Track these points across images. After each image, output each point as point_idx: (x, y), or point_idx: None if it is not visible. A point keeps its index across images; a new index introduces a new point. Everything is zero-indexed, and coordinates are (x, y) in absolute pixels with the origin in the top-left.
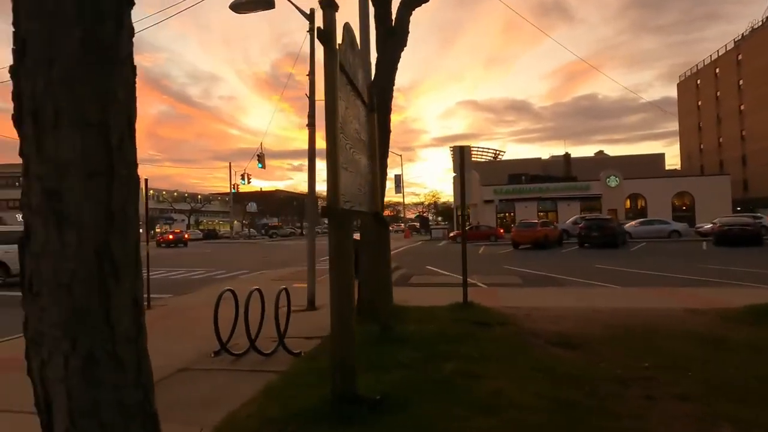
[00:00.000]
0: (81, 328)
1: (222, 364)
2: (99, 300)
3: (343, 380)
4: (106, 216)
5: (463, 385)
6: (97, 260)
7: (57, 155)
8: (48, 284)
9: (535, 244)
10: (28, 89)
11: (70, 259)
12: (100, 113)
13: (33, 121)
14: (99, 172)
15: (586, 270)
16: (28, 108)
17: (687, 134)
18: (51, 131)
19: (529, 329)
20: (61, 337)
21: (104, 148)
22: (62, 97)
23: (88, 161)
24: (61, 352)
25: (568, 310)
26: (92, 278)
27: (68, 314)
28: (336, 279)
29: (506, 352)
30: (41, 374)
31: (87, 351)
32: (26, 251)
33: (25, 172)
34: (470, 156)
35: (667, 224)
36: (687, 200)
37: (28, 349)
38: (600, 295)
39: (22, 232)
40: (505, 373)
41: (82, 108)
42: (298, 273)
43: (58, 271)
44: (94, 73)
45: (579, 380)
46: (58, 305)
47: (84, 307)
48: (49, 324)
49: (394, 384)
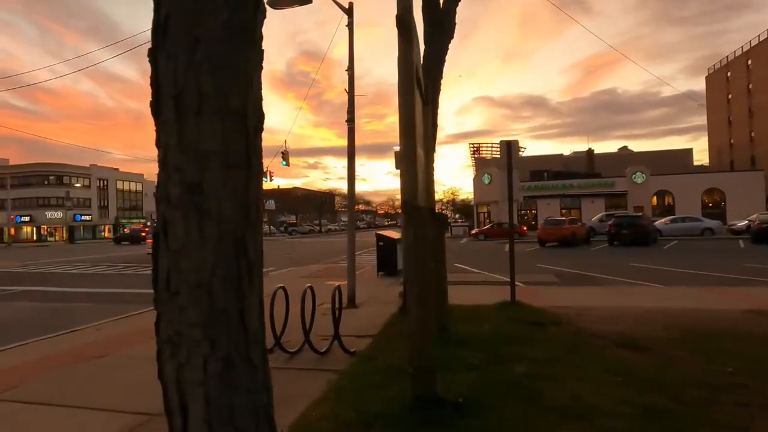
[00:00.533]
0: (219, 328)
1: (278, 361)
2: (236, 299)
3: (423, 382)
4: (243, 210)
5: (538, 389)
6: (236, 257)
7: (198, 144)
8: (187, 282)
9: (562, 242)
10: (170, 72)
11: (210, 256)
12: (240, 100)
13: (175, 107)
14: (238, 163)
15: (622, 268)
16: (169, 92)
17: (716, 129)
18: (193, 118)
19: (587, 330)
20: (201, 338)
21: (243, 138)
22: (206, 80)
23: (229, 151)
24: (200, 354)
25: (619, 310)
26: (231, 276)
27: (207, 314)
28: (413, 279)
29: (572, 353)
30: (178, 376)
31: (225, 353)
32: (161, 247)
33: (162, 163)
34: (518, 151)
35: (700, 222)
36: (717, 197)
37: (162, 351)
38: (646, 294)
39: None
40: (579, 376)
41: (225, 93)
42: (327, 270)
43: (199, 267)
44: (235, 56)
45: (660, 384)
46: (198, 304)
47: (222, 307)
48: (188, 324)
49: (468, 386)
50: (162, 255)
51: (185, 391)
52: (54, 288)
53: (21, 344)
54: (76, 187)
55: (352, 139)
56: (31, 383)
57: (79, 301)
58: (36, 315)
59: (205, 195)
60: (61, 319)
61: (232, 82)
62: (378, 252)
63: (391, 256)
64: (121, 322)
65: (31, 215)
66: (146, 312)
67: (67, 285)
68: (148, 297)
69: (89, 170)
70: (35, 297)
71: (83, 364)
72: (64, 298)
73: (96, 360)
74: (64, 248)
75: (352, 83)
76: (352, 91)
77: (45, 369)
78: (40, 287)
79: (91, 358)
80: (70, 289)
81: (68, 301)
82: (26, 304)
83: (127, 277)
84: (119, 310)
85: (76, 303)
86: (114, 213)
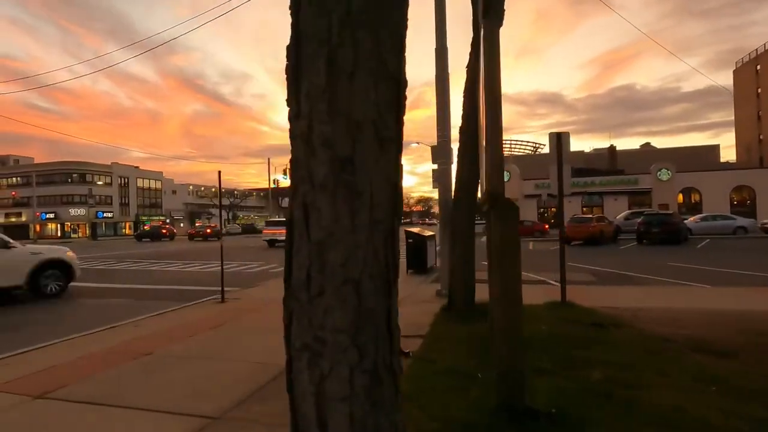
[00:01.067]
0: (368, 334)
1: None
2: (384, 300)
3: (510, 390)
4: (393, 192)
5: (631, 398)
6: (384, 248)
7: (351, 112)
8: (333, 279)
9: (589, 240)
10: (321, 28)
11: (362, 246)
12: (397, 63)
13: (326, 68)
14: (391, 136)
15: (660, 268)
16: (319, 52)
17: (744, 124)
18: (347, 81)
19: (652, 332)
20: (347, 345)
21: (396, 106)
22: (363, 38)
23: (382, 121)
24: (346, 364)
25: (675, 312)
26: (380, 272)
27: (355, 317)
28: (501, 277)
29: (647, 358)
30: (317, 390)
31: (372, 364)
32: (298, 239)
33: (304, 138)
34: (569, 144)
35: (732, 220)
36: (746, 194)
37: (295, 360)
38: (697, 295)
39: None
40: (667, 384)
41: (382, 54)
42: None
43: (348, 261)
44: (393, 13)
45: (765, 396)
46: (345, 305)
47: (371, 308)
48: (332, 329)
49: (548, 393)
50: (300, 248)
51: (325, 407)
52: (84, 284)
53: (62, 340)
54: (98, 185)
55: None
56: (82, 382)
57: (109, 296)
58: (72, 310)
59: (357, 173)
60: (96, 315)
61: (389, 41)
62: (407, 249)
63: (421, 254)
64: (158, 318)
65: (56, 212)
66: (180, 308)
67: (97, 280)
68: (178, 293)
69: (111, 168)
70: (67, 292)
71: (132, 363)
72: (95, 293)
73: (143, 358)
74: (88, 244)
75: None
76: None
77: (93, 367)
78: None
79: (137, 356)
80: (99, 285)
81: (99, 297)
82: (59, 299)
83: (154, 273)
84: (153, 306)
85: (107, 298)
86: (134, 210)
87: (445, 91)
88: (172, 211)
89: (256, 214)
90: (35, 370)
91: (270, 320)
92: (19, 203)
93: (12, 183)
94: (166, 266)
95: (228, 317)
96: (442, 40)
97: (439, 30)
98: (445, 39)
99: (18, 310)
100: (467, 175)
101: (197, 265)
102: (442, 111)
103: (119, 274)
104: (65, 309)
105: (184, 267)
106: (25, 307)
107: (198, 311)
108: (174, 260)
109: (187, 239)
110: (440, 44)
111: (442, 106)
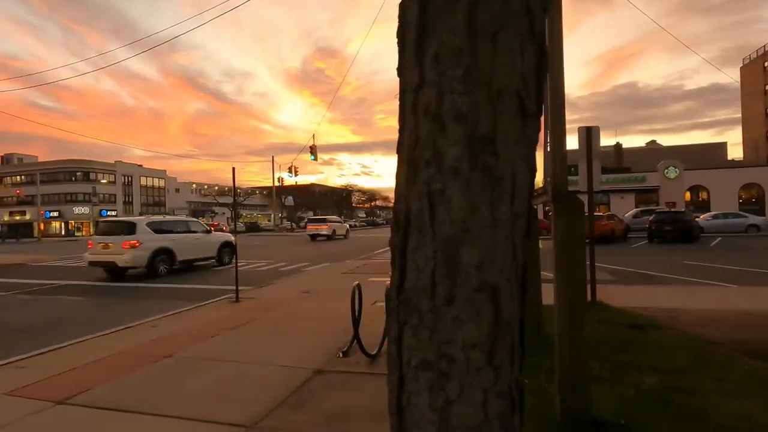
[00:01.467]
0: (504, 351)
1: (359, 365)
2: (518, 309)
3: (575, 400)
4: (531, 181)
5: (690, 405)
6: (523, 247)
7: (493, 79)
8: (467, 284)
9: (601, 239)
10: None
11: (500, 245)
12: (542, 22)
13: (465, 24)
14: (533, 111)
15: (677, 266)
16: (455, 6)
17: (751, 121)
18: (489, 41)
19: (694, 335)
20: (483, 364)
21: (538, 76)
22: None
23: (527, 93)
24: (479, 387)
25: (711, 313)
26: (515, 274)
27: (491, 329)
28: (565, 278)
29: (698, 363)
30: (442, 417)
31: (507, 385)
32: (415, 235)
33: (433, 113)
34: (599, 138)
35: (744, 218)
36: (756, 192)
37: (407, 381)
38: (725, 294)
39: (184, 221)
40: (726, 391)
41: (531, 9)
42: (367, 266)
43: (485, 263)
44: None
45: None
46: (479, 316)
47: (508, 319)
48: (463, 345)
49: (607, 401)
50: (420, 246)
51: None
52: (96, 282)
53: (80, 341)
54: (102, 183)
55: None
56: (104, 386)
57: (122, 295)
58: (85, 309)
59: (499, 155)
60: (111, 314)
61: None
62: None
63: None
64: (174, 318)
65: (60, 210)
66: (195, 308)
67: (108, 279)
68: (191, 292)
69: (114, 166)
70: (80, 291)
71: (154, 366)
72: (108, 291)
73: (164, 360)
74: None
75: None
76: None
77: (114, 370)
78: (81, 281)
79: (159, 358)
80: (111, 284)
81: (112, 295)
82: (73, 298)
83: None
84: (167, 305)
85: (121, 297)
86: (138, 208)
87: None
88: (175, 209)
89: (260, 212)
90: (54, 372)
91: (288, 321)
92: (24, 201)
93: (16, 181)
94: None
95: (245, 318)
96: None
97: None
98: None
99: (206, 272)
100: None
101: (204, 263)
102: None
103: (129, 273)
104: (70, 308)
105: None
106: (208, 271)
107: (213, 311)
108: None
109: None
110: None
111: None
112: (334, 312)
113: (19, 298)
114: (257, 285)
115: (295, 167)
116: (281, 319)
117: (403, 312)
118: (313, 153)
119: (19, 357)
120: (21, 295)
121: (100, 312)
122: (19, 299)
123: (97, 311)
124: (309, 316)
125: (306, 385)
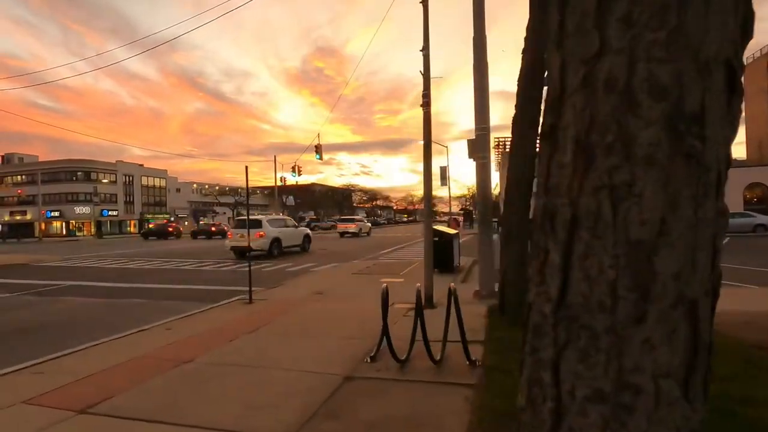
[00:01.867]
0: (701, 379)
1: (389, 372)
2: (709, 328)
3: None
4: (727, 170)
5: (758, 417)
6: (720, 254)
7: (702, 46)
8: (663, 298)
9: None
10: None
11: (703, 250)
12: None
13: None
14: (740, 86)
15: None
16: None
17: (755, 120)
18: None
19: (736, 337)
20: (678, 396)
21: (743, 46)
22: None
23: (738, 63)
24: (671, 425)
25: (740, 315)
26: (716, 287)
27: (687, 354)
28: None
29: (749, 368)
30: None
31: (699, 422)
32: (588, 238)
33: (619, 83)
34: None
35: (752, 217)
36: (761, 192)
37: (573, 414)
38: (748, 295)
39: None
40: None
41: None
42: (376, 267)
43: (684, 271)
44: None
45: None
46: (674, 337)
47: (706, 342)
48: (654, 372)
49: None
50: (594, 251)
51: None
52: (102, 283)
53: (94, 344)
54: (102, 183)
55: (428, 125)
56: (127, 394)
57: (131, 296)
58: (94, 310)
59: (705, 138)
60: (122, 316)
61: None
62: (434, 248)
63: (447, 253)
64: (188, 320)
65: (61, 210)
66: (209, 309)
67: (113, 280)
68: (201, 293)
69: (115, 166)
70: (86, 292)
71: (175, 371)
72: (116, 293)
73: (185, 366)
74: (95, 243)
75: (428, 63)
76: (428, 72)
77: (135, 376)
78: (87, 282)
79: (179, 363)
80: (118, 284)
81: (121, 297)
82: (79, 299)
83: (170, 272)
84: (178, 307)
85: (129, 298)
86: (139, 208)
87: (483, 82)
88: (176, 209)
89: (261, 212)
90: (72, 379)
91: (306, 324)
92: (25, 201)
93: (17, 181)
94: (180, 265)
95: (260, 320)
96: (480, 30)
97: (477, 18)
98: (484, 27)
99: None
100: (521, 171)
101: (210, 263)
102: (481, 102)
103: (133, 274)
104: (78, 310)
105: (200, 266)
106: (300, 254)
107: (227, 313)
108: (186, 258)
109: (191, 237)
110: (478, 33)
111: (481, 98)
112: (351, 314)
113: (25, 299)
114: (267, 286)
115: (298, 167)
116: (298, 321)
117: (564, 331)
118: (318, 152)
119: (34, 361)
120: (27, 296)
121: (110, 313)
122: (25, 300)
123: (106, 312)
124: (326, 319)
125: (338, 393)
